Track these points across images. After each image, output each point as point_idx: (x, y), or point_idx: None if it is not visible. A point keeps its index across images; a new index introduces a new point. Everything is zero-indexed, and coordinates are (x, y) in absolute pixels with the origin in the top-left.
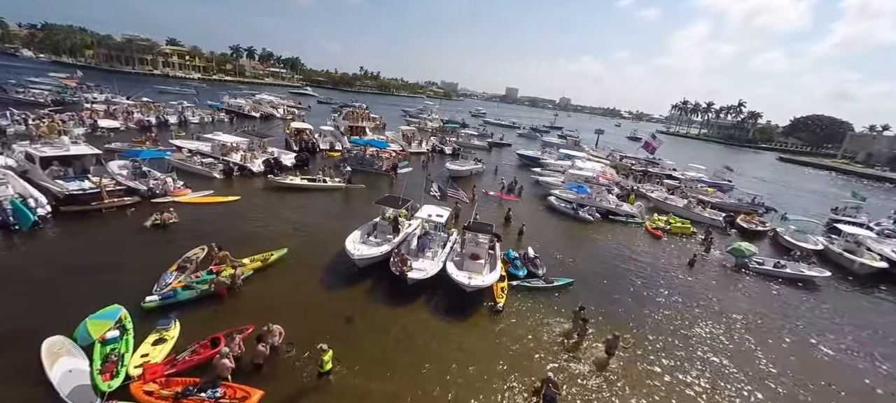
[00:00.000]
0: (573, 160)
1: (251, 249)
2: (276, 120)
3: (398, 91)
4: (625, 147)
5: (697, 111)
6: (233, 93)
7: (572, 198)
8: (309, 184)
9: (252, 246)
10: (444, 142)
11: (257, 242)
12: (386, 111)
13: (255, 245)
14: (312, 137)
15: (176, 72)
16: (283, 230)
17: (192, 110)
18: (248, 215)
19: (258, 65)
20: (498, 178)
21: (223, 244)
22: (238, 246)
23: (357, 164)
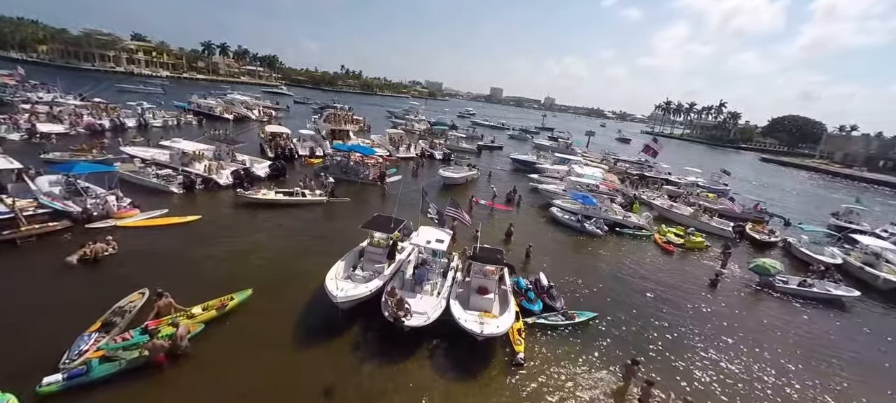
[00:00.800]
0: (571, 165)
1: (207, 288)
2: (251, 122)
3: (382, 91)
4: (614, 149)
5: (680, 111)
6: (203, 93)
7: (577, 210)
8: (285, 198)
9: (209, 285)
10: (434, 146)
11: (216, 278)
12: (370, 112)
13: (213, 282)
14: (290, 142)
15: (142, 70)
16: (250, 260)
17: (153, 112)
18: (209, 240)
19: (233, 62)
20: (491, 185)
21: (172, 284)
22: (191, 284)
23: (340, 173)
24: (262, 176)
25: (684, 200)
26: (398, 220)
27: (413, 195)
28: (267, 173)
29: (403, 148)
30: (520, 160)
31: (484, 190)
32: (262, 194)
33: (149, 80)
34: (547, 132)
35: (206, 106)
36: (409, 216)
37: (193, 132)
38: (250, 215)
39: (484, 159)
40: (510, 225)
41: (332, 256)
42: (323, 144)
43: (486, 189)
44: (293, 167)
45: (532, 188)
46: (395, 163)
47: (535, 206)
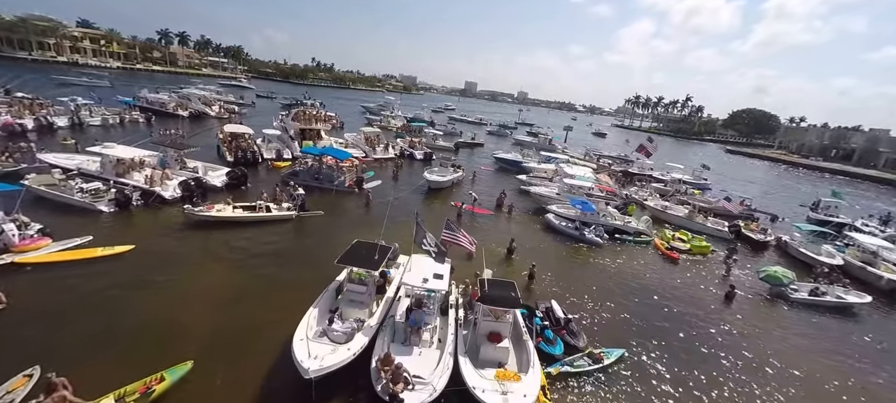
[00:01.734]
0: (558, 165)
1: (132, 356)
2: (210, 120)
3: (355, 85)
4: (591, 143)
5: (648, 105)
6: (156, 87)
7: (575, 217)
8: (245, 215)
9: (134, 351)
10: (414, 145)
11: (146, 341)
12: (343, 107)
13: (141, 348)
14: (252, 144)
15: (88, 60)
16: (195, 309)
17: (90, 108)
18: (143, 280)
19: (193, 53)
20: (470, 190)
21: (81, 354)
22: (109, 352)
23: (311, 180)
24: (217, 186)
25: (675, 199)
26: (385, 248)
27: (398, 205)
28: (224, 182)
29: (381, 148)
30: (505, 159)
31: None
32: (216, 210)
33: (93, 72)
34: (526, 127)
35: (156, 101)
36: (396, 235)
37: (139, 133)
38: (201, 239)
39: (463, 158)
40: (512, 242)
41: (302, 292)
42: (291, 146)
43: (469, 192)
44: (257, 173)
45: (521, 191)
46: (372, 165)
47: (527, 213)
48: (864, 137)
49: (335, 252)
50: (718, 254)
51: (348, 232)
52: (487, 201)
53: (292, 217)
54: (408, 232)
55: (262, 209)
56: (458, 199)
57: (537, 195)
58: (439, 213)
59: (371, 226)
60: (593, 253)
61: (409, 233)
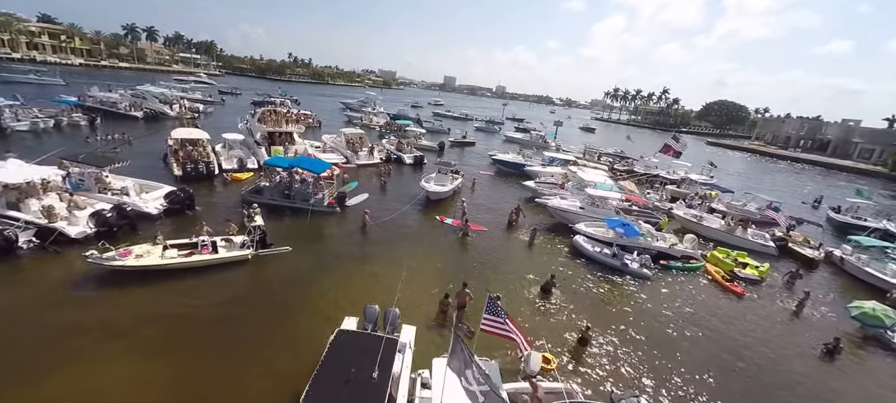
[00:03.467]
0: (567, 167)
1: None
2: (169, 121)
3: (334, 80)
4: (581, 139)
5: (627, 98)
6: (108, 85)
7: (612, 239)
8: (177, 262)
9: None
10: (402, 147)
11: None
12: (321, 104)
13: None
14: (207, 153)
15: (47, 57)
16: None
17: (16, 110)
18: None
19: (163, 49)
20: (462, 199)
21: None
22: None
23: (280, 198)
24: (152, 213)
25: (704, 207)
26: (390, 343)
27: (393, 226)
28: (161, 208)
29: (364, 152)
30: (505, 162)
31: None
32: (134, 257)
33: (44, 69)
34: (514, 123)
35: (107, 101)
36: (388, 267)
37: (79, 140)
38: (109, 303)
39: (453, 159)
40: (552, 278)
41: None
42: (258, 153)
43: (462, 200)
44: (212, 189)
45: (532, 202)
46: (355, 173)
47: (545, 232)
48: (838, 128)
49: (306, 326)
50: (776, 276)
51: (329, 281)
52: (492, 217)
53: (247, 258)
54: (422, 281)
55: (205, 248)
56: (444, 212)
57: (556, 210)
58: (448, 243)
59: (361, 265)
60: (637, 286)
61: (419, 279)
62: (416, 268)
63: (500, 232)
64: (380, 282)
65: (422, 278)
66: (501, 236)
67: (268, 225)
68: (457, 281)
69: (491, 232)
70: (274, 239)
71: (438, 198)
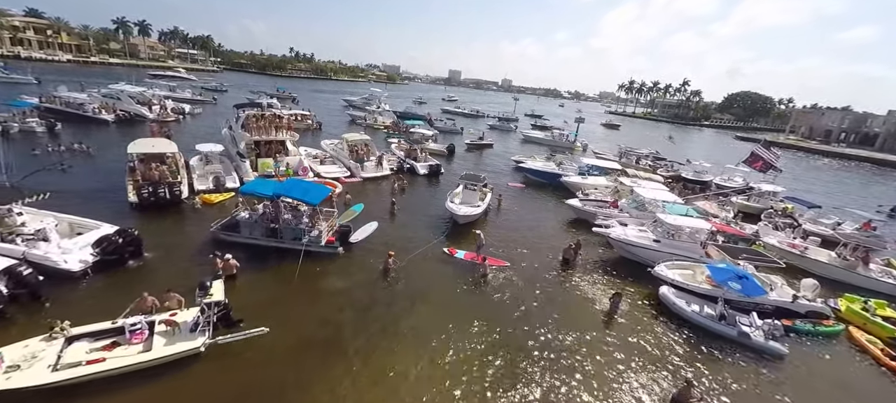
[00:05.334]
0: (616, 179)
1: None
2: (147, 124)
3: (337, 75)
4: (602, 136)
5: (642, 90)
6: (79, 83)
7: (715, 293)
8: (80, 373)
9: None
10: (415, 153)
11: None
12: (323, 102)
13: None
14: (174, 171)
15: (32, 53)
16: None
17: None
18: None
19: (157, 44)
20: (476, 230)
21: None
22: None
23: (263, 236)
24: (74, 272)
25: (799, 231)
26: None
27: (424, 273)
28: (87, 263)
29: (372, 162)
30: (535, 171)
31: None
32: (3, 373)
33: (13, 65)
34: (532, 120)
35: (73, 102)
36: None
37: (21, 150)
38: None
39: (469, 165)
40: (691, 387)
41: None
42: (241, 167)
43: (476, 232)
44: (178, 221)
45: (572, 221)
46: (360, 189)
47: (605, 272)
48: (888, 120)
49: None
50: None
51: (328, 390)
52: (531, 248)
53: (198, 351)
54: None
55: (139, 335)
56: (453, 242)
57: (622, 245)
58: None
59: (384, 353)
60: (766, 368)
61: None
62: (468, 347)
63: (545, 271)
64: (415, 385)
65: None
66: (552, 280)
67: (244, 276)
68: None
69: (532, 273)
70: (249, 301)
71: (468, 222)
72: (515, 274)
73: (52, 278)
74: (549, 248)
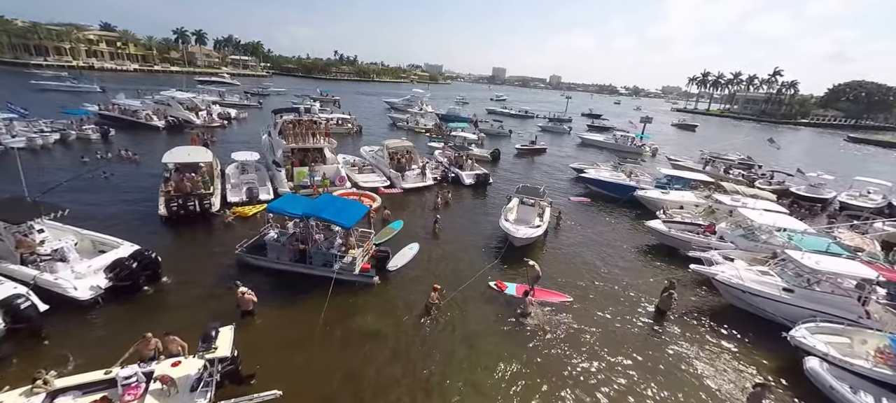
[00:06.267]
0: (710, 195)
1: None
2: (194, 129)
3: (379, 77)
4: (673, 137)
5: (718, 84)
6: (137, 90)
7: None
8: None
9: None
10: (461, 161)
11: None
12: (364, 104)
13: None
14: (207, 181)
15: (105, 63)
16: None
17: (11, 124)
18: None
19: (212, 52)
20: (528, 261)
21: None
22: None
23: (291, 260)
24: (82, 300)
25: None
26: None
27: (472, 311)
28: (98, 291)
29: (414, 170)
30: (601, 182)
31: (551, 249)
32: None
33: (60, 74)
34: (589, 120)
35: (128, 109)
36: None
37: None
38: None
39: (517, 170)
40: None
41: None
42: (276, 177)
43: (527, 261)
44: (207, 237)
45: (653, 246)
46: (400, 201)
47: (711, 326)
48: None
49: None
50: None
51: None
52: (604, 281)
53: None
54: None
55: (133, 390)
56: (503, 272)
57: (735, 292)
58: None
59: None
60: None
61: None
62: None
63: (624, 316)
64: None
65: None
66: (638, 333)
67: (265, 310)
68: None
69: (605, 320)
70: (266, 343)
71: (526, 244)
72: (583, 317)
73: (60, 307)
74: (626, 284)
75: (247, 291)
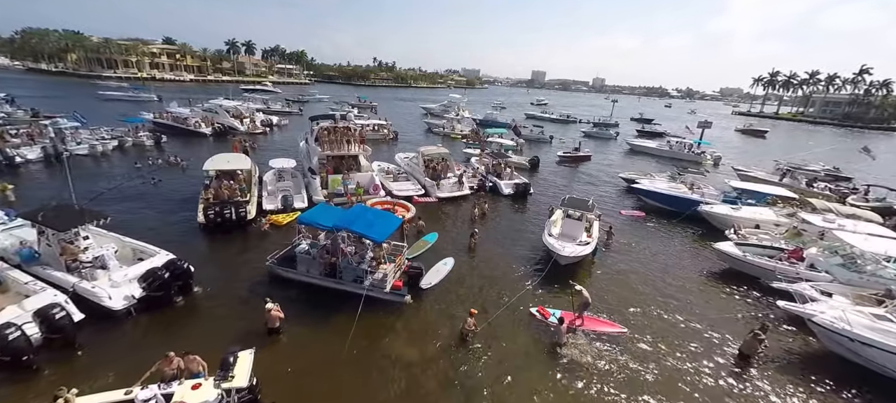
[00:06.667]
0: (774, 205)
1: None
2: (238, 136)
3: (416, 82)
4: (737, 144)
5: (790, 84)
6: (188, 99)
7: None
8: None
9: None
10: (499, 169)
11: None
12: (401, 110)
13: None
14: (245, 188)
15: (165, 74)
16: None
17: (74, 132)
18: None
19: (260, 61)
20: (574, 286)
21: None
22: None
23: (321, 275)
24: (115, 310)
25: None
26: None
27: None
28: (129, 304)
29: (450, 180)
30: (657, 194)
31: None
32: None
33: (139, 86)
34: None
35: (180, 117)
36: None
37: (126, 164)
38: None
39: (560, 178)
40: None
41: None
42: (311, 185)
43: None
44: (243, 246)
45: (723, 272)
46: (435, 211)
47: (806, 380)
48: None
49: None
50: None
51: None
52: (648, 299)
53: None
54: None
55: None
56: (546, 297)
57: (842, 340)
58: None
59: None
60: None
61: None
62: None
63: (695, 360)
64: None
65: None
66: (713, 381)
67: (292, 327)
68: None
69: (672, 361)
70: (290, 364)
71: (572, 262)
72: (641, 355)
73: (96, 315)
74: (693, 317)
75: (274, 307)
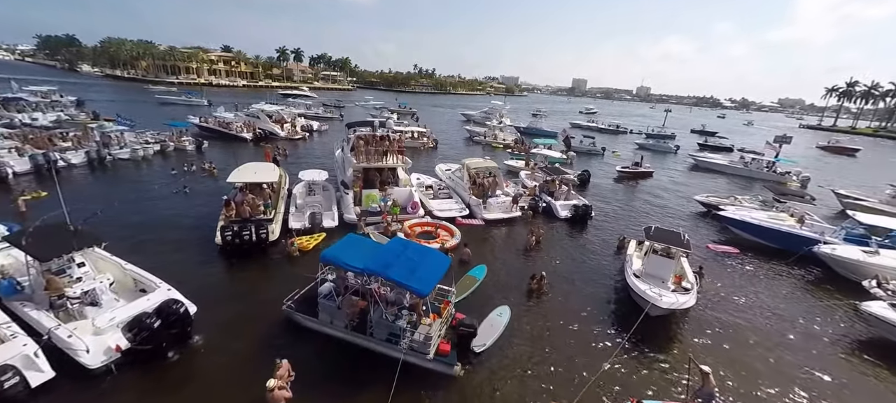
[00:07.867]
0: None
1: None
2: (278, 142)
3: (456, 89)
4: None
5: (871, 96)
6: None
7: None
8: None
9: None
10: (553, 187)
11: None
12: (442, 117)
13: None
14: (262, 207)
15: (221, 80)
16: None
17: (119, 137)
18: None
19: (307, 68)
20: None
21: None
22: None
23: (347, 328)
24: (91, 368)
25: None
26: None
27: None
28: (107, 361)
29: (498, 198)
30: (753, 226)
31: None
32: None
33: (191, 91)
34: (701, 137)
35: (223, 121)
36: None
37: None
38: None
39: (618, 196)
40: None
41: None
42: (343, 200)
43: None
44: (262, 274)
45: (865, 342)
46: (482, 235)
47: None
48: None
49: None
50: None
51: None
52: (763, 373)
53: None
54: None
55: None
56: (631, 368)
57: None
58: None
59: None
60: None
61: None
62: None
63: None
64: None
65: None
66: None
67: (305, 398)
68: None
69: None
70: None
71: (664, 314)
72: None
73: (71, 371)
74: None
75: (278, 386)
